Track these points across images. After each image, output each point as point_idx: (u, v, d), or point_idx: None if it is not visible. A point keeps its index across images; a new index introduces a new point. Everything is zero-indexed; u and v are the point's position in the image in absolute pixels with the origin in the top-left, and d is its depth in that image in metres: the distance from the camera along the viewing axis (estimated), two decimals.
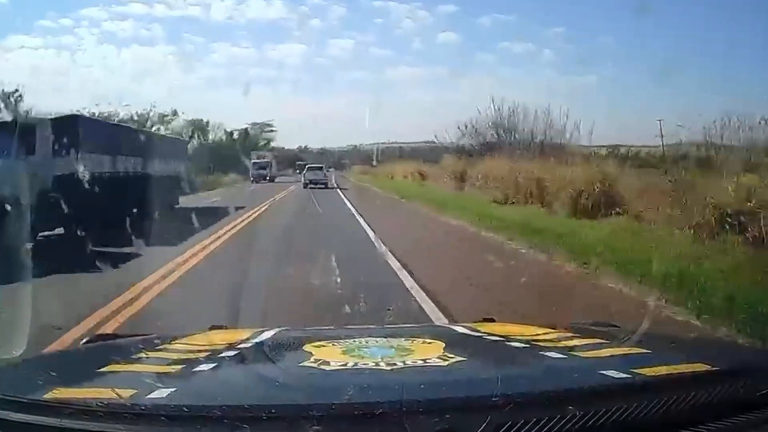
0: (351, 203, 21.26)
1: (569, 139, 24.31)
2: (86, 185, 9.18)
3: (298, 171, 42.18)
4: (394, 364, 1.28)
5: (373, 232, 12.24)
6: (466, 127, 30.52)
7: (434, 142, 35.62)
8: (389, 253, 9.01)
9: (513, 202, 16.91)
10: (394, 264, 8.14)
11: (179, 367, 1.36)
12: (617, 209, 12.34)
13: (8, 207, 7.90)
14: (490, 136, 29.35)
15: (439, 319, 5.23)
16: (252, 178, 38.05)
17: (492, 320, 2.17)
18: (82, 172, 9.67)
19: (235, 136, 45.33)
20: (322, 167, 37.01)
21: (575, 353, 1.42)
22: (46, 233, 9.83)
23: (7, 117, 23.77)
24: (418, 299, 6.11)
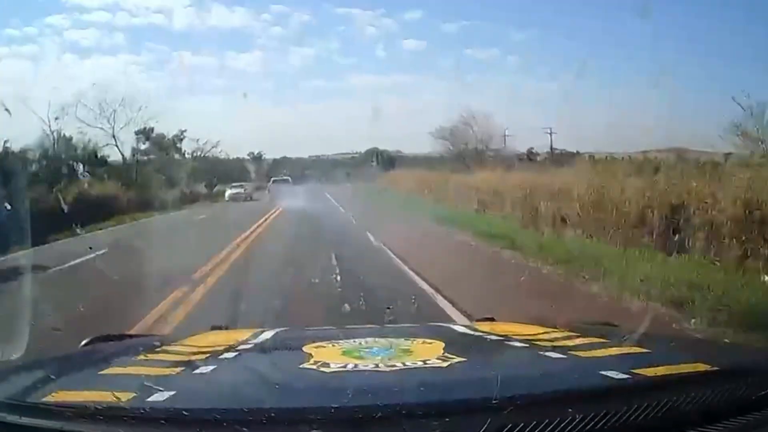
0: None
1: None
2: None
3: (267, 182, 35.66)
4: (394, 366, 1.28)
5: None
6: (450, 132, 27.89)
7: (400, 152, 35.04)
8: None
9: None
10: None
11: (179, 369, 1.36)
12: None
13: None
14: (465, 145, 27.42)
15: None
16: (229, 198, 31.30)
17: (492, 320, 2.16)
18: None
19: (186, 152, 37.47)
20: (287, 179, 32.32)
21: (575, 353, 1.41)
22: None
23: None
24: None
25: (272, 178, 33.72)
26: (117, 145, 29.65)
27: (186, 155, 36.15)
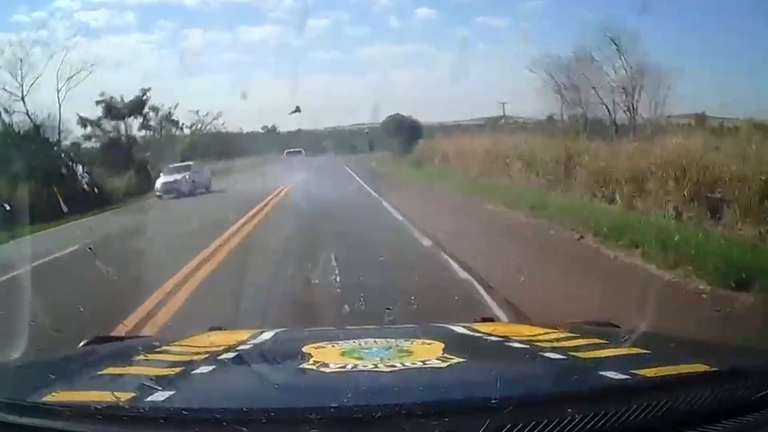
0: None
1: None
2: None
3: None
4: (393, 366, 1.28)
5: None
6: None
7: (416, 121, 31.30)
8: None
9: None
10: None
11: (178, 369, 1.36)
12: None
13: None
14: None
15: None
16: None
17: (491, 320, 2.17)
18: None
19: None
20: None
21: (575, 354, 1.41)
22: None
23: None
24: None
25: (286, 151, 31.52)
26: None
27: (184, 129, 30.34)
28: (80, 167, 21.61)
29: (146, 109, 28.36)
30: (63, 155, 21.93)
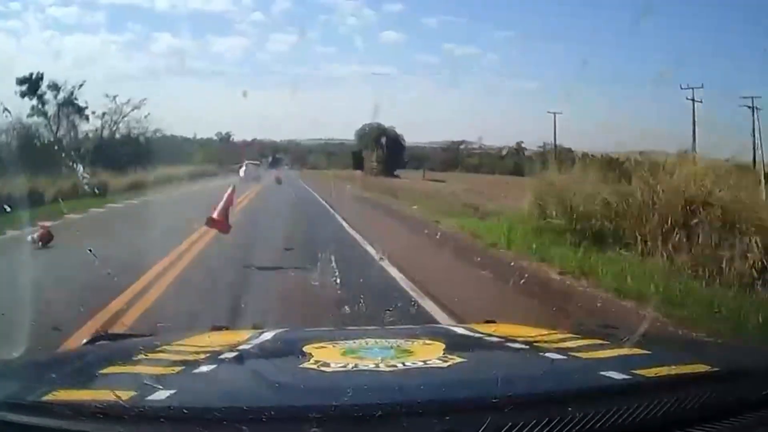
0: None
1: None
2: None
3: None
4: (394, 366, 1.28)
5: None
6: None
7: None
8: None
9: None
10: None
11: (179, 368, 1.36)
12: None
13: None
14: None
15: None
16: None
17: (493, 321, 2.17)
18: None
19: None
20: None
21: (575, 354, 1.42)
22: None
23: None
24: None
25: (245, 162, 25.93)
26: None
27: (90, 118, 22.04)
28: None
29: (43, 89, 20.80)
30: None
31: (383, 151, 27.24)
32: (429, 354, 1.37)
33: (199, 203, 12.48)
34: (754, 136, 18.45)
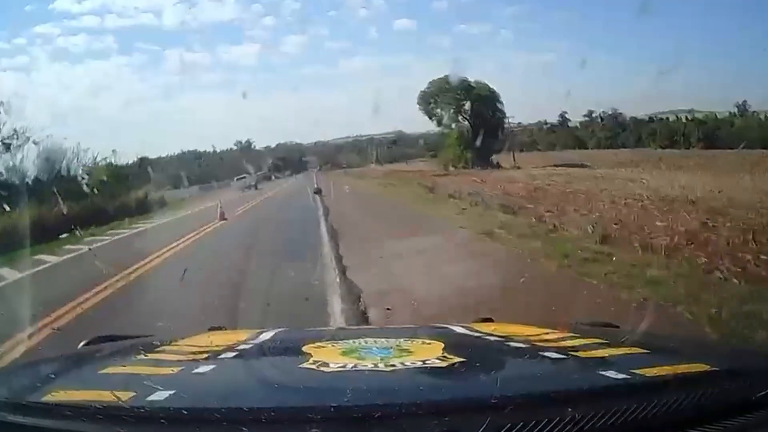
0: None
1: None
2: None
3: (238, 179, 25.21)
4: (394, 366, 1.28)
5: None
6: None
7: (402, 132, 28.79)
8: None
9: None
10: None
11: (178, 369, 1.36)
12: None
13: None
14: None
15: None
16: None
17: (490, 320, 2.17)
18: None
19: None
20: None
21: (575, 353, 1.41)
22: None
23: None
24: None
25: (236, 178, 23.12)
26: None
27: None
28: None
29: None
30: None
31: (470, 123, 18.41)
32: (428, 354, 1.36)
33: None
34: None
